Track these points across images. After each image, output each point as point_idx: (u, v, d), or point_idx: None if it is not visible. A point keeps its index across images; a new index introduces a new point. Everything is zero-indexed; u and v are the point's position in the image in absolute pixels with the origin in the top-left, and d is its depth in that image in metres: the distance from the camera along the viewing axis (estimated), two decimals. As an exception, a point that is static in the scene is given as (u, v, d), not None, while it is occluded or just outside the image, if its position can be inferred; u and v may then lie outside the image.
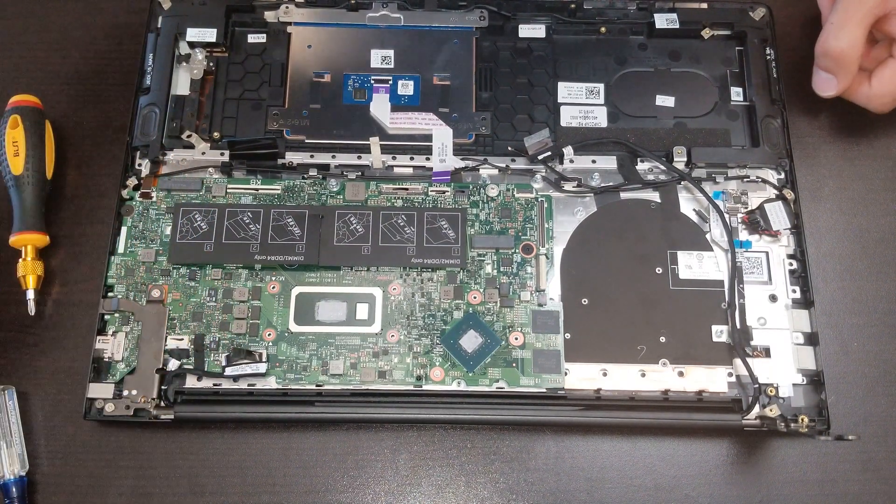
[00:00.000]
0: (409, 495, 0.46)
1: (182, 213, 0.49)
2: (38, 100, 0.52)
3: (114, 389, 0.45)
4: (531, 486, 0.46)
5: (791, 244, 0.49)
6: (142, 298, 0.48)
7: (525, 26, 0.55)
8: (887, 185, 0.53)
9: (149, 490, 0.46)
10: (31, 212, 0.49)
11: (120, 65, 0.55)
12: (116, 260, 0.48)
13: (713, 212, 0.50)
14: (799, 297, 0.48)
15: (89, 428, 0.47)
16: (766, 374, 0.46)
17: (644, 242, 0.49)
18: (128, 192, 0.50)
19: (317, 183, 0.50)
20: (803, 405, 0.46)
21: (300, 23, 0.54)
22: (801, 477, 0.47)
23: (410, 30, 0.54)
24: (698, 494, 0.46)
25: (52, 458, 0.47)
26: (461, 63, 0.54)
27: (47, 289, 0.50)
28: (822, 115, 0.55)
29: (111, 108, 0.54)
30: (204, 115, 0.53)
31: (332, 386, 0.46)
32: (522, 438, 0.47)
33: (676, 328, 0.47)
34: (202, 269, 0.48)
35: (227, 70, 0.54)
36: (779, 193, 0.50)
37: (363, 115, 0.52)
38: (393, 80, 0.53)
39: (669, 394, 0.46)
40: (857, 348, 0.49)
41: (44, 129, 0.51)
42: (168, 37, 0.53)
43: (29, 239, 0.49)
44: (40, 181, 0.50)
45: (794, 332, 0.47)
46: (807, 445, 0.47)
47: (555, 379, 0.46)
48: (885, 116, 0.53)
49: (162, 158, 0.51)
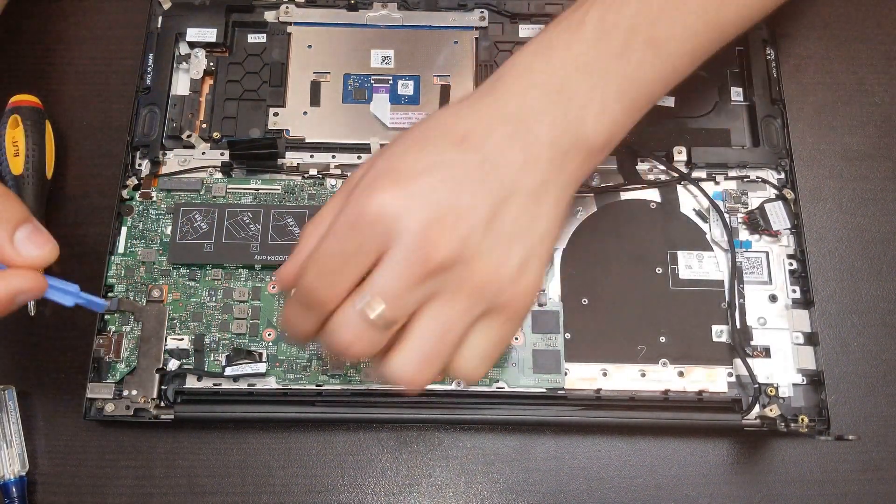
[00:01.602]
0: (409, 495, 0.46)
1: (182, 213, 0.49)
2: (38, 99, 0.51)
3: (114, 389, 0.45)
4: (531, 486, 0.46)
5: (791, 244, 0.49)
6: (142, 298, 0.48)
7: (525, 26, 0.55)
8: (887, 185, 0.53)
9: (148, 490, 0.46)
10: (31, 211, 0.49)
11: (120, 64, 0.55)
12: (116, 260, 0.48)
13: (713, 212, 0.50)
14: (799, 297, 0.48)
15: (89, 428, 0.47)
16: (766, 374, 0.46)
17: (644, 242, 0.49)
18: (128, 192, 0.50)
19: (317, 183, 0.50)
20: (803, 405, 0.46)
21: (300, 23, 0.54)
22: (800, 477, 0.47)
23: (410, 30, 0.54)
24: (698, 495, 0.46)
25: (51, 458, 0.47)
26: (461, 63, 0.54)
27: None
28: (823, 114, 0.55)
29: (111, 108, 0.54)
30: (204, 116, 0.53)
31: (332, 386, 0.46)
32: (522, 438, 0.47)
33: (676, 328, 0.47)
34: (202, 269, 0.48)
35: (227, 70, 0.54)
36: (779, 193, 0.50)
37: (363, 115, 0.52)
38: (393, 80, 0.53)
39: (669, 394, 0.46)
40: (857, 349, 0.49)
41: (44, 129, 0.51)
42: (168, 37, 0.53)
43: (29, 239, 0.49)
44: (40, 181, 0.50)
45: (794, 332, 0.47)
46: (807, 446, 0.47)
47: (555, 379, 0.46)
48: (886, 116, 0.53)
49: (162, 158, 0.51)
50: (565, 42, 0.37)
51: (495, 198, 0.34)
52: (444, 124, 0.36)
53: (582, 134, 0.36)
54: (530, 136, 0.35)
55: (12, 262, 0.35)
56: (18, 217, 0.36)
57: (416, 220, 0.33)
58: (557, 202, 0.37)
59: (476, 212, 0.34)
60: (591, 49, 0.37)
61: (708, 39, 0.40)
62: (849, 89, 0.55)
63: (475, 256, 0.34)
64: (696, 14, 0.38)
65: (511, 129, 0.35)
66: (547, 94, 0.36)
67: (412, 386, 0.35)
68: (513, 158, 0.35)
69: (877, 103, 0.55)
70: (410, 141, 0.36)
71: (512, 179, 0.35)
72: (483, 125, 0.35)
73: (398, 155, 0.35)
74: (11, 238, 0.35)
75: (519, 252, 0.35)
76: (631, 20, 0.37)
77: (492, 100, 0.36)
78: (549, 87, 0.36)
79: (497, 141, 0.35)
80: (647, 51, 0.37)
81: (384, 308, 0.33)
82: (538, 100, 0.36)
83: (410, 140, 0.36)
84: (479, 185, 0.34)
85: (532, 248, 0.35)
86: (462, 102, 0.37)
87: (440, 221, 0.33)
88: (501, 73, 0.37)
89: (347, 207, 0.34)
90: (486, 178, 0.34)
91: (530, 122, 0.36)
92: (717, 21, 0.40)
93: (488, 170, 0.34)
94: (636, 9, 0.37)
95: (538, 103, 0.36)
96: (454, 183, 0.34)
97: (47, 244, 0.36)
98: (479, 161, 0.34)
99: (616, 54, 0.37)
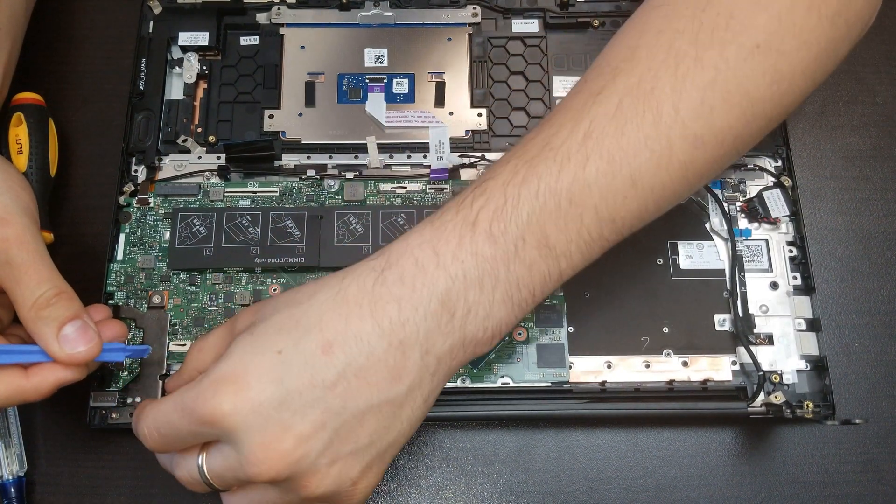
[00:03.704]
0: (409, 496, 0.46)
1: (180, 218, 0.48)
2: (41, 98, 0.51)
3: (117, 397, 0.45)
4: (531, 487, 0.46)
5: (790, 231, 0.49)
6: (142, 305, 0.47)
7: (518, 21, 0.55)
8: (888, 185, 0.53)
9: (148, 490, 0.46)
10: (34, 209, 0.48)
11: (119, 65, 0.55)
12: (115, 267, 0.48)
13: (712, 201, 0.50)
14: (800, 283, 0.48)
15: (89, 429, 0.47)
16: (770, 361, 0.47)
17: (644, 234, 0.49)
18: (125, 199, 0.50)
19: (314, 184, 0.50)
20: (808, 391, 0.46)
21: (292, 24, 0.54)
22: (802, 477, 0.47)
23: (403, 28, 0.54)
24: (699, 496, 0.46)
25: (50, 458, 0.46)
26: (455, 60, 0.54)
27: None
28: (824, 114, 0.55)
29: (111, 109, 0.54)
30: (199, 120, 0.52)
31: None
32: (522, 438, 0.47)
33: (679, 318, 0.47)
34: (202, 274, 0.48)
35: (220, 73, 0.53)
36: (777, 181, 0.50)
37: (359, 115, 0.52)
38: (388, 79, 0.53)
39: (674, 384, 0.46)
40: (858, 349, 0.49)
41: (47, 127, 0.50)
42: (160, 41, 0.53)
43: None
44: (44, 179, 0.49)
45: (797, 319, 0.48)
46: (808, 446, 0.47)
47: (559, 373, 0.46)
48: (887, 116, 0.53)
49: (158, 164, 0.51)
50: (455, 244, 0.36)
51: (349, 417, 0.34)
52: (312, 321, 0.35)
53: (463, 336, 0.36)
54: (405, 348, 0.34)
55: (56, 358, 0.37)
56: (68, 314, 0.38)
57: (250, 437, 0.33)
58: (426, 400, 0.36)
59: (317, 437, 0.33)
60: (480, 253, 0.35)
61: (602, 238, 0.38)
62: (850, 89, 0.55)
63: (308, 474, 0.34)
64: (591, 216, 0.37)
65: (385, 343, 0.34)
66: (429, 309, 0.35)
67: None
68: (382, 373, 0.34)
69: (878, 103, 0.55)
70: (272, 331, 0.35)
71: (377, 392, 0.34)
72: (352, 334, 0.34)
73: (254, 350, 0.34)
74: (56, 335, 0.37)
75: (362, 463, 0.35)
76: (522, 226, 0.36)
77: (368, 307, 0.35)
78: (433, 300, 0.35)
79: (367, 354, 0.34)
80: (538, 252, 0.36)
81: (210, 480, 0.35)
82: (419, 314, 0.35)
83: (273, 329, 0.35)
84: (328, 405, 0.33)
85: (379, 454, 0.35)
86: (337, 297, 0.35)
87: (276, 443, 0.33)
88: (383, 275, 0.35)
89: (193, 397, 0.34)
90: (345, 395, 0.34)
91: (408, 335, 0.34)
92: (613, 220, 0.37)
93: (347, 387, 0.34)
94: (527, 215, 0.36)
95: (419, 317, 0.35)
96: (301, 401, 0.33)
97: (92, 341, 0.38)
98: (338, 374, 0.34)
99: (507, 259, 0.36)
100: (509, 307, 0.36)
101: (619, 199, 0.37)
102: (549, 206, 0.36)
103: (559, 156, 0.36)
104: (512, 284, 0.36)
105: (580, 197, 0.36)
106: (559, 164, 0.36)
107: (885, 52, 0.56)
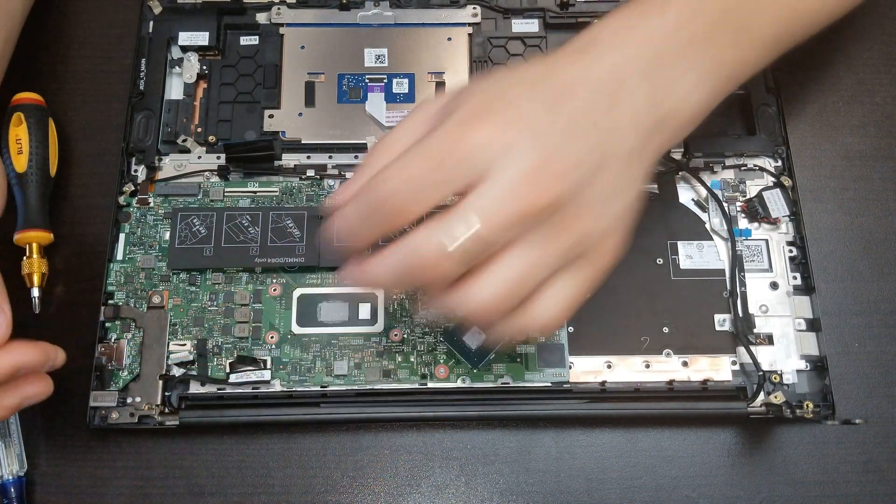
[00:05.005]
0: (409, 496, 0.46)
1: (180, 217, 0.48)
2: (41, 97, 0.51)
3: (117, 397, 0.45)
4: (531, 487, 0.46)
5: (790, 231, 0.49)
6: (142, 305, 0.47)
7: (518, 21, 0.55)
8: (888, 185, 0.53)
9: (148, 491, 0.46)
10: (35, 209, 0.49)
11: (119, 65, 0.55)
12: (115, 267, 0.48)
13: (712, 201, 0.50)
14: (800, 283, 0.48)
15: (89, 429, 0.47)
16: (770, 361, 0.47)
17: (644, 234, 0.49)
18: (125, 199, 0.50)
19: (314, 184, 0.50)
20: (808, 391, 0.46)
21: (292, 24, 0.54)
22: (801, 478, 0.47)
23: (403, 28, 0.54)
24: (699, 496, 0.46)
25: (50, 458, 0.46)
26: (455, 60, 0.54)
27: (51, 287, 0.49)
28: (823, 114, 0.55)
29: (111, 108, 0.54)
30: (199, 120, 0.52)
31: (336, 387, 0.46)
32: (523, 438, 0.47)
33: (679, 318, 0.47)
34: (202, 274, 0.48)
35: (220, 73, 0.53)
36: (776, 181, 0.50)
37: (359, 115, 0.52)
38: (387, 79, 0.53)
39: (674, 384, 0.46)
40: (858, 349, 0.49)
41: (47, 127, 0.50)
42: (160, 41, 0.53)
43: (33, 236, 0.48)
44: (44, 178, 0.49)
45: (797, 319, 0.48)
46: (808, 446, 0.47)
47: (559, 373, 0.46)
48: (887, 116, 0.53)
49: (158, 164, 0.51)
50: (657, 14, 0.37)
51: (600, 153, 0.34)
52: (539, 76, 0.36)
53: (671, 109, 0.37)
54: (624, 104, 0.35)
55: None
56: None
57: (527, 158, 0.33)
58: (641, 173, 0.37)
59: (585, 162, 0.34)
60: (680, 29, 0.37)
61: (791, 28, 0.41)
62: (849, 89, 0.55)
63: (580, 204, 0.34)
64: (783, 2, 0.40)
65: (607, 94, 0.35)
66: (640, 66, 0.36)
67: (479, 316, 0.34)
68: (610, 121, 0.35)
69: (878, 103, 0.55)
70: (506, 84, 0.35)
71: (610, 140, 0.35)
72: (579, 84, 0.35)
73: (496, 95, 0.35)
74: None
75: (616, 208, 0.35)
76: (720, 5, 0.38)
77: (587, 62, 0.36)
78: (642, 59, 0.36)
79: (594, 102, 0.35)
80: (734, 35, 0.38)
81: (479, 228, 0.32)
82: (632, 70, 0.36)
83: (506, 83, 0.35)
84: (584, 139, 0.34)
85: (626, 206, 0.36)
86: (551, 59, 0.36)
87: (551, 164, 0.33)
88: (593, 38, 0.37)
89: (440, 137, 0.33)
90: (588, 134, 0.34)
91: (624, 90, 0.35)
92: (802, 9, 0.41)
93: (588, 127, 0.34)
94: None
95: (632, 74, 0.36)
96: (561, 131, 0.34)
97: None
98: (580, 116, 0.34)
99: (703, 38, 0.37)
100: (708, 86, 0.38)
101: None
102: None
103: None
104: (710, 62, 0.37)
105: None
106: None
107: (885, 52, 0.56)
